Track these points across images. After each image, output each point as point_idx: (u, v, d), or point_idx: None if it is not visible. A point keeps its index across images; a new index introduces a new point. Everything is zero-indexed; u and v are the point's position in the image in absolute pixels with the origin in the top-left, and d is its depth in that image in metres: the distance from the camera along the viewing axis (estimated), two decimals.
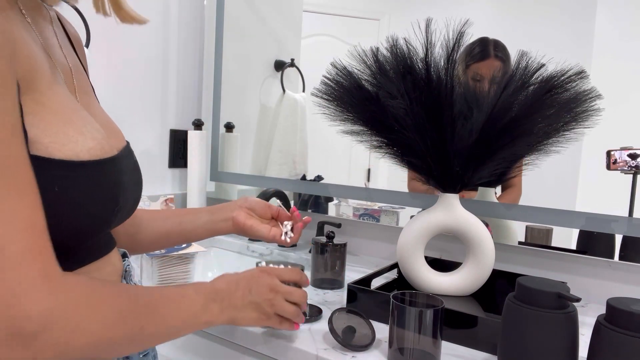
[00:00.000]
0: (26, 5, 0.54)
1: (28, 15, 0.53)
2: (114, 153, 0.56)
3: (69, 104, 0.52)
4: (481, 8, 1.20)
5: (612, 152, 1.01)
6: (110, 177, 0.54)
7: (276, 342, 0.80)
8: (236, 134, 1.67)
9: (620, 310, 0.56)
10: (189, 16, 1.66)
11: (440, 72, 0.92)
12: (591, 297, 1.04)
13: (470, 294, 1.01)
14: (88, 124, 0.53)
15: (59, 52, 0.59)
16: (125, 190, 0.57)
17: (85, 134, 0.51)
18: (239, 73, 1.65)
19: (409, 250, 0.99)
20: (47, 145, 0.47)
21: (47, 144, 0.47)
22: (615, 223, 1.01)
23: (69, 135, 0.49)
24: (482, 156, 0.93)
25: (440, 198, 0.99)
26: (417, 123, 0.92)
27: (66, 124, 0.49)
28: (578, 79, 0.89)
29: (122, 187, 0.56)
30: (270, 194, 1.37)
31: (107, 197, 0.53)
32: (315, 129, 1.50)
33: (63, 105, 0.51)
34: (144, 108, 1.56)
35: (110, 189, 0.54)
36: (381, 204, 1.37)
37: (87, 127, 0.52)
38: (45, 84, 0.49)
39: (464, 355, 0.77)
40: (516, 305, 0.63)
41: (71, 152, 0.49)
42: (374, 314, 0.88)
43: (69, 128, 0.50)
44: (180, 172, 1.70)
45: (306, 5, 1.48)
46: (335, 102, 1.01)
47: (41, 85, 0.48)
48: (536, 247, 1.12)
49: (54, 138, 0.48)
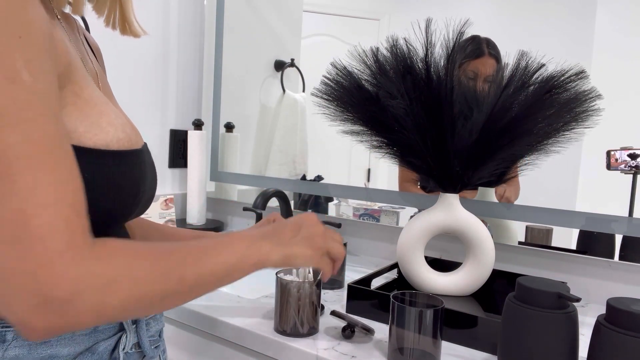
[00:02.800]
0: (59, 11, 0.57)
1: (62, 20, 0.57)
2: (140, 146, 0.59)
3: (102, 98, 0.56)
4: (481, 8, 1.20)
5: (612, 152, 1.01)
6: (135, 168, 0.56)
7: (276, 342, 0.80)
8: (236, 134, 1.67)
9: (620, 310, 0.56)
10: (189, 16, 1.66)
11: (440, 72, 0.92)
12: (591, 297, 1.04)
13: (470, 294, 1.01)
14: (118, 117, 0.56)
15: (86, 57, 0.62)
16: (145, 182, 0.59)
17: (117, 126, 0.55)
18: (239, 73, 1.65)
19: (409, 250, 0.99)
20: (81, 134, 0.50)
21: (82, 133, 0.50)
22: (615, 223, 1.01)
23: (101, 126, 0.52)
24: (482, 156, 0.93)
25: (440, 198, 0.99)
26: (417, 123, 0.92)
27: (100, 116, 0.53)
28: (578, 79, 0.89)
29: (144, 179, 0.59)
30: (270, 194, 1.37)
31: (130, 186, 0.56)
32: (315, 129, 1.50)
33: (96, 98, 0.54)
34: (144, 108, 1.56)
35: (134, 179, 0.56)
36: (381, 204, 1.37)
37: (118, 120, 0.56)
38: (81, 77, 0.53)
39: (464, 355, 0.77)
40: (516, 305, 0.63)
41: (102, 142, 0.52)
42: (374, 314, 0.88)
43: (102, 119, 0.53)
44: (180, 172, 1.70)
45: (306, 5, 1.48)
46: (335, 102, 1.01)
47: (78, 79, 0.52)
48: (536, 247, 1.12)
49: (88, 128, 0.51)
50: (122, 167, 0.54)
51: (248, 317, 0.89)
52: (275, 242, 0.58)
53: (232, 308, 0.93)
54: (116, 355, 0.58)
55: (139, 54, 1.52)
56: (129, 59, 1.50)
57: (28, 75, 0.42)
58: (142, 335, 0.62)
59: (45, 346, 0.52)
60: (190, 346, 0.98)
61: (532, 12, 1.12)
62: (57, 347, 0.53)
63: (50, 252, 0.41)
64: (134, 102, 1.53)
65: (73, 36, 0.60)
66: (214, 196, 1.73)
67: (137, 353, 0.62)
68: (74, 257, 0.42)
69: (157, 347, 0.67)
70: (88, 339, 0.56)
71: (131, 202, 0.57)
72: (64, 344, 0.53)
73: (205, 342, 0.95)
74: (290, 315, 0.81)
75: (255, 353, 0.85)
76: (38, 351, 0.51)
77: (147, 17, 1.54)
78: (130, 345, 0.61)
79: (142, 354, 0.63)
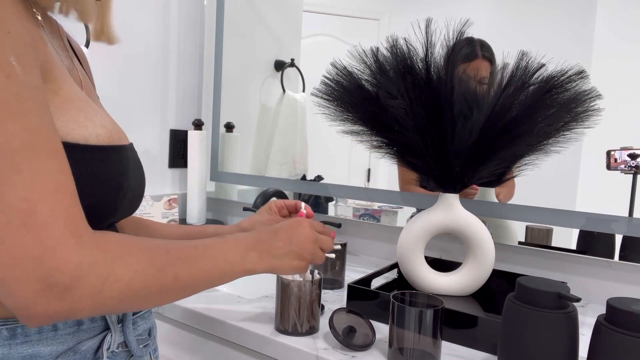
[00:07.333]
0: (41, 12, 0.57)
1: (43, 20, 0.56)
2: (122, 143, 0.59)
3: (81, 95, 0.56)
4: (481, 8, 1.20)
5: (612, 152, 1.01)
6: (117, 163, 0.56)
7: (276, 342, 0.80)
8: (236, 134, 1.67)
9: (620, 310, 0.56)
10: (189, 16, 1.66)
11: (440, 72, 0.92)
12: (591, 297, 1.04)
13: (470, 294, 1.01)
14: (98, 113, 0.56)
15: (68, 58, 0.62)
16: (128, 178, 0.59)
17: (95, 122, 0.54)
18: (239, 73, 1.65)
19: (409, 250, 0.99)
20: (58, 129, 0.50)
21: (58, 128, 0.50)
22: (615, 223, 1.01)
23: (79, 121, 0.52)
24: (482, 156, 0.93)
25: (440, 198, 0.99)
26: (417, 123, 0.92)
27: (78, 112, 0.53)
28: (578, 79, 0.88)
29: (126, 175, 0.58)
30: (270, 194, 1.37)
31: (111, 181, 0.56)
32: (315, 129, 1.50)
33: (75, 94, 0.54)
34: (144, 108, 1.56)
35: (115, 174, 0.56)
36: (381, 204, 1.37)
37: (97, 116, 0.56)
38: (59, 75, 0.53)
39: (464, 355, 0.77)
40: (516, 305, 0.63)
41: (80, 137, 0.52)
42: (374, 314, 0.88)
43: (80, 115, 0.53)
44: (181, 172, 1.70)
45: (306, 5, 1.48)
46: (335, 102, 1.01)
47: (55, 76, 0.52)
48: (536, 247, 1.12)
49: (65, 123, 0.51)
50: (103, 161, 0.54)
51: (248, 317, 0.89)
52: (265, 254, 0.64)
53: (232, 308, 0.93)
54: (100, 354, 0.57)
55: (139, 54, 1.52)
56: (129, 59, 1.50)
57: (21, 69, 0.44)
58: (129, 334, 0.62)
59: (26, 345, 0.51)
60: (191, 346, 0.98)
61: (532, 13, 1.12)
62: (39, 346, 0.52)
63: (55, 238, 0.43)
64: (134, 102, 1.53)
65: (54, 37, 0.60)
66: (214, 196, 1.73)
67: (124, 352, 0.61)
68: (76, 244, 0.44)
69: (147, 347, 0.66)
70: (71, 338, 0.55)
71: (113, 197, 0.56)
72: (45, 343, 0.53)
73: (205, 342, 0.95)
74: (290, 315, 0.81)
75: (255, 353, 0.85)
76: (19, 350, 0.51)
77: (147, 17, 1.54)
78: (116, 345, 0.60)
79: (130, 353, 0.62)
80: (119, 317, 0.61)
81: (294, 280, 0.81)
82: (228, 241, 0.61)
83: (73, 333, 0.55)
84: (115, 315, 0.60)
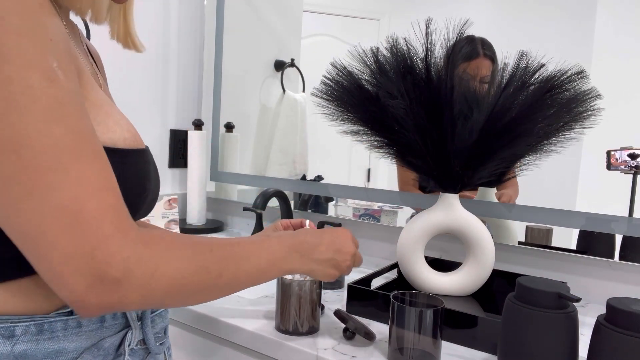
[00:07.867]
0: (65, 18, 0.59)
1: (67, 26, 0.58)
2: (143, 147, 0.61)
3: (107, 100, 0.58)
4: (481, 8, 1.20)
5: (612, 152, 1.01)
6: (141, 167, 0.59)
7: (276, 342, 0.80)
8: (236, 134, 1.67)
9: (620, 310, 0.56)
10: (189, 16, 1.66)
11: (440, 72, 0.92)
12: (591, 297, 1.04)
13: (470, 294, 1.01)
14: (123, 118, 0.59)
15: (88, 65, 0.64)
16: (150, 181, 0.61)
17: (122, 126, 0.57)
18: (239, 73, 1.65)
19: (409, 250, 0.99)
20: None
21: None
22: (615, 223, 1.01)
23: (108, 125, 0.55)
24: (482, 156, 0.93)
25: (440, 198, 0.99)
26: (417, 123, 0.92)
27: (107, 116, 0.55)
28: (578, 79, 0.88)
29: (149, 178, 0.60)
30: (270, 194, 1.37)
31: (137, 185, 0.58)
32: (315, 129, 1.50)
33: (102, 99, 0.56)
34: (144, 108, 1.56)
35: (140, 177, 0.58)
36: (381, 204, 1.37)
37: (123, 120, 0.58)
38: (88, 80, 0.55)
39: (464, 355, 0.77)
40: (516, 305, 0.63)
41: (109, 141, 0.54)
42: (374, 314, 0.88)
43: (109, 119, 0.55)
44: (180, 172, 1.70)
45: (306, 5, 1.48)
46: (335, 102, 1.01)
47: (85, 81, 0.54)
48: (536, 247, 1.12)
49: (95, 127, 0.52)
50: (129, 165, 0.56)
51: (248, 317, 0.89)
52: (307, 256, 0.66)
53: (232, 308, 0.93)
54: (122, 351, 0.59)
55: (139, 54, 1.52)
56: (129, 60, 1.50)
57: (63, 74, 0.46)
58: (148, 332, 0.63)
59: (52, 341, 0.53)
60: (190, 346, 0.98)
61: (532, 13, 1.12)
62: (64, 342, 0.53)
63: (103, 234, 0.44)
64: (134, 103, 1.53)
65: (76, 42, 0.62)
66: (214, 196, 1.73)
67: (142, 349, 0.63)
68: (123, 239, 0.46)
69: (162, 344, 0.67)
70: (94, 334, 0.56)
71: (137, 200, 0.58)
72: (71, 340, 0.54)
73: (205, 341, 0.95)
74: (290, 315, 0.81)
75: (255, 353, 0.85)
76: (45, 346, 0.52)
77: (148, 18, 1.54)
78: (136, 342, 0.61)
79: (147, 350, 0.63)
80: (138, 315, 0.62)
81: (294, 280, 0.81)
82: (271, 240, 0.63)
83: (96, 329, 0.57)
84: (135, 313, 0.62)
